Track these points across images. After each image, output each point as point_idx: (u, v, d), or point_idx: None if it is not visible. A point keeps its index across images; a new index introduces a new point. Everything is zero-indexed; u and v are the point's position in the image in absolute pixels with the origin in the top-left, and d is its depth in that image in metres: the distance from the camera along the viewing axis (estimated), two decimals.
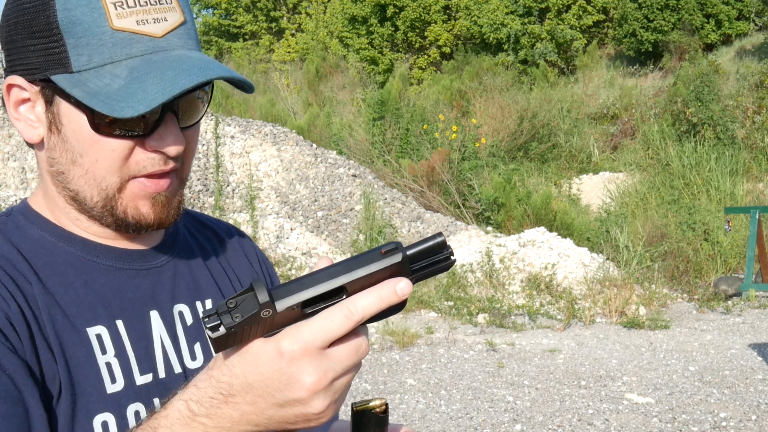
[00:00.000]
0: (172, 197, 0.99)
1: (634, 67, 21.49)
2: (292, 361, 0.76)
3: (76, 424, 0.91)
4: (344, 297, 0.79)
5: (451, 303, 8.48)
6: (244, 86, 0.98)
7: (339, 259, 9.53)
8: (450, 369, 6.55)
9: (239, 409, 0.79)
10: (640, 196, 13.17)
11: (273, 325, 0.78)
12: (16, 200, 8.98)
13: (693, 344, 7.37)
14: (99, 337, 0.95)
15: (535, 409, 5.61)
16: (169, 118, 0.94)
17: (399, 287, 0.78)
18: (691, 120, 14.76)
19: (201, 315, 0.79)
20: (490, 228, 11.15)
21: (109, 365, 0.94)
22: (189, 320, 1.05)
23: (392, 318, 7.94)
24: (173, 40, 0.94)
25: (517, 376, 6.38)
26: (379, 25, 24.62)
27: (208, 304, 1.08)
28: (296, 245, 9.36)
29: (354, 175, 11.31)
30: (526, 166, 14.98)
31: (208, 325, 0.76)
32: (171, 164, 0.97)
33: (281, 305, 0.77)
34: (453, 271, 8.95)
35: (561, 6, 23.28)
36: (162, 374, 0.99)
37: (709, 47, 21.77)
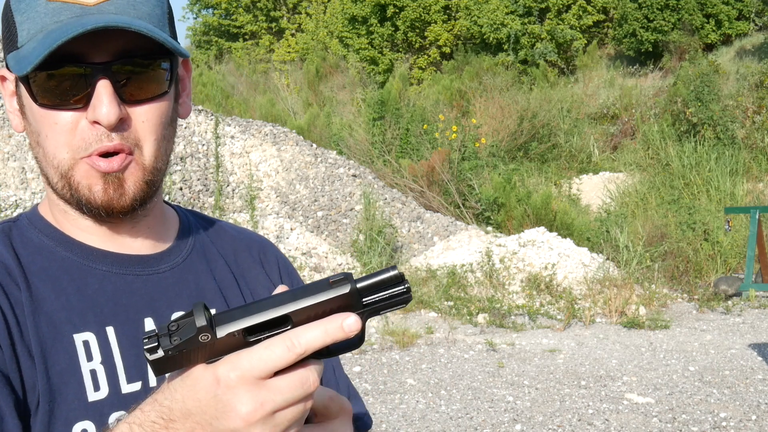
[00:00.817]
0: (129, 180, 0.94)
1: (634, 67, 21.49)
2: (228, 389, 0.74)
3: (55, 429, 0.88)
4: (290, 327, 0.76)
5: (451, 303, 8.48)
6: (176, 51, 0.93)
7: (339, 259, 9.54)
8: (450, 369, 6.55)
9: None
10: (640, 196, 13.17)
11: (215, 351, 0.76)
12: (16, 200, 8.98)
13: (693, 344, 7.38)
14: (86, 343, 0.92)
15: (535, 409, 5.61)
16: (102, 86, 0.90)
17: (346, 323, 0.75)
18: (691, 120, 14.77)
19: (141, 336, 0.78)
20: (490, 228, 11.15)
21: (93, 372, 0.91)
22: None
23: (392, 318, 7.94)
24: (106, 7, 0.91)
25: (517, 376, 6.38)
26: (379, 25, 24.62)
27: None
28: (296, 245, 9.36)
29: (354, 175, 11.31)
30: (526, 166, 14.98)
31: (146, 347, 0.75)
32: (116, 141, 0.92)
33: (222, 331, 0.75)
34: (453, 271, 8.95)
35: (561, 6, 23.28)
36: (153, 382, 0.95)
37: (709, 47, 21.77)
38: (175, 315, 1.01)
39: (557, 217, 11.20)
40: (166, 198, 9.78)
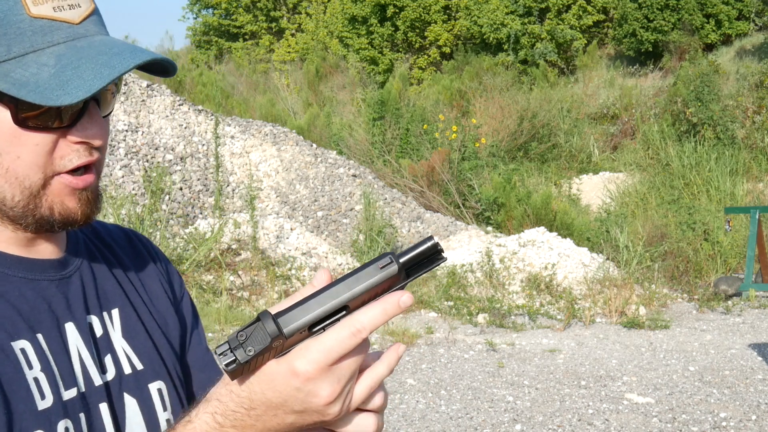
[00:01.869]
0: (96, 192, 0.96)
1: (634, 67, 21.49)
2: (307, 380, 0.82)
3: None
4: (344, 313, 0.83)
5: (451, 303, 8.48)
6: (168, 69, 0.95)
7: (339, 259, 9.54)
8: (450, 369, 6.55)
9: (261, 420, 0.85)
10: (640, 196, 13.17)
11: (283, 350, 0.83)
12: None
13: (693, 344, 7.38)
14: (24, 351, 0.91)
15: (535, 409, 5.61)
16: (93, 107, 0.92)
17: (402, 301, 0.83)
18: (691, 120, 14.76)
19: (214, 349, 0.83)
20: (490, 228, 11.15)
21: (37, 380, 0.90)
22: (99, 332, 1.00)
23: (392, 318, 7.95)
24: (90, 27, 0.91)
25: (517, 376, 6.38)
26: (379, 25, 24.62)
27: (115, 314, 1.03)
28: (296, 245, 9.37)
29: (354, 175, 11.31)
30: (526, 166, 14.98)
31: (224, 361, 0.81)
32: (96, 155, 0.94)
33: (289, 332, 0.82)
34: (453, 271, 8.95)
35: (561, 6, 23.28)
36: (83, 388, 0.95)
37: (709, 47, 21.77)
38: (89, 318, 1.00)
39: (557, 217, 11.20)
40: (166, 198, 9.78)
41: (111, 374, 0.99)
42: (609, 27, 24.09)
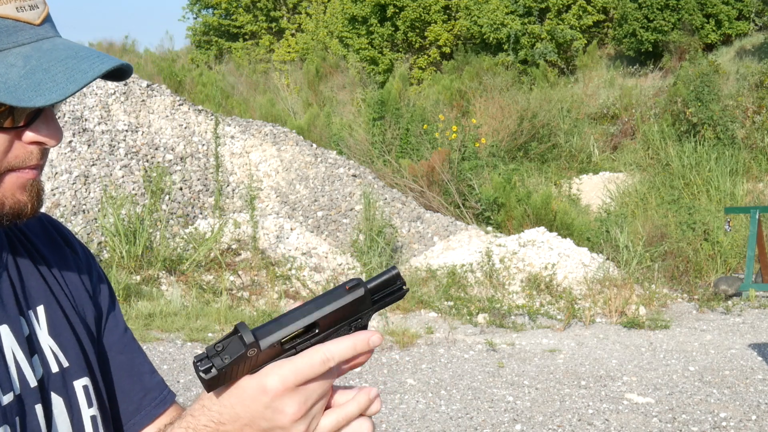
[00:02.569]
0: (41, 186, 0.98)
1: (634, 67, 21.48)
2: (275, 397, 0.87)
3: None
4: (317, 331, 0.90)
5: (451, 303, 8.48)
6: (125, 73, 0.96)
7: (339, 259, 9.54)
8: (450, 369, 6.55)
9: None
10: (640, 196, 13.17)
11: (258, 363, 0.88)
12: None
13: (693, 344, 7.38)
14: None
15: (535, 409, 5.61)
16: (48, 110, 0.93)
17: (372, 339, 0.90)
18: (691, 120, 14.76)
19: (193, 360, 0.88)
20: (490, 228, 11.15)
21: None
22: (26, 331, 0.99)
23: (392, 318, 7.95)
24: (49, 29, 0.93)
25: (517, 376, 6.38)
26: (379, 25, 24.61)
27: (41, 311, 1.02)
28: (296, 245, 9.36)
29: (354, 175, 11.31)
30: (526, 166, 14.98)
31: (201, 368, 0.86)
32: (45, 158, 0.96)
33: (264, 344, 0.88)
34: (453, 271, 8.96)
35: (561, 6, 23.27)
36: (18, 391, 0.95)
37: (709, 47, 21.76)
38: (26, 321, 1.00)
39: (557, 217, 11.20)
40: (166, 198, 9.78)
41: (39, 374, 0.98)
42: (609, 27, 24.08)
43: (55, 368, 1.00)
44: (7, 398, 0.93)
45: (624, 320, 8.13)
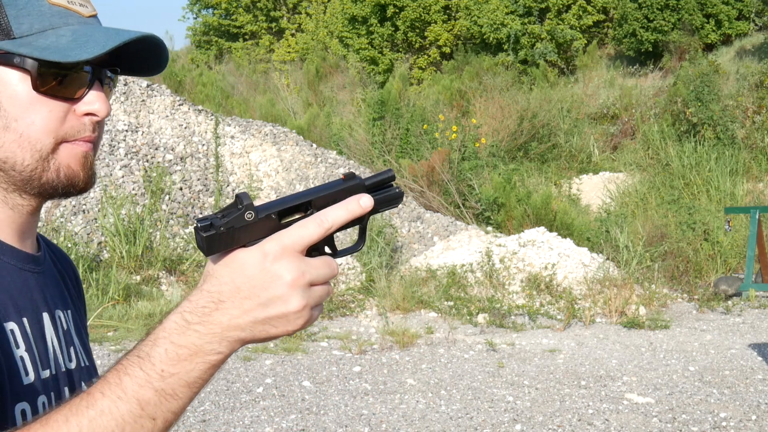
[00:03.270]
0: (94, 161, 1.08)
1: (634, 67, 21.48)
2: (275, 260, 0.88)
3: (6, 410, 0.97)
4: (312, 212, 0.93)
5: (451, 303, 8.48)
6: (161, 62, 1.09)
7: (338, 258, 9.53)
8: (450, 369, 6.55)
9: (228, 314, 0.89)
10: (640, 196, 13.17)
11: (255, 233, 0.90)
12: None
13: (693, 344, 7.37)
14: (12, 332, 1.01)
15: (535, 409, 5.61)
16: (97, 86, 1.04)
17: (362, 201, 0.93)
18: (691, 120, 14.76)
19: (195, 222, 0.92)
20: (490, 228, 11.14)
21: (22, 359, 1.01)
22: (64, 326, 1.13)
23: (392, 318, 7.94)
24: (95, 22, 1.06)
25: (517, 376, 6.38)
26: (379, 25, 24.60)
27: (69, 314, 1.16)
28: None
29: None
30: (526, 166, 14.97)
31: (201, 227, 0.89)
32: (96, 132, 1.06)
33: (262, 213, 0.91)
34: (453, 271, 8.95)
35: (561, 6, 23.26)
36: (53, 371, 1.06)
37: (709, 47, 21.76)
38: (57, 311, 1.12)
39: (557, 217, 11.19)
40: (166, 198, 9.78)
41: (74, 364, 1.12)
42: (609, 27, 24.08)
43: (83, 363, 1.14)
44: (45, 374, 1.04)
45: (624, 320, 8.12)
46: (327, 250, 0.96)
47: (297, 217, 0.93)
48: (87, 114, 1.04)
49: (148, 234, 8.82)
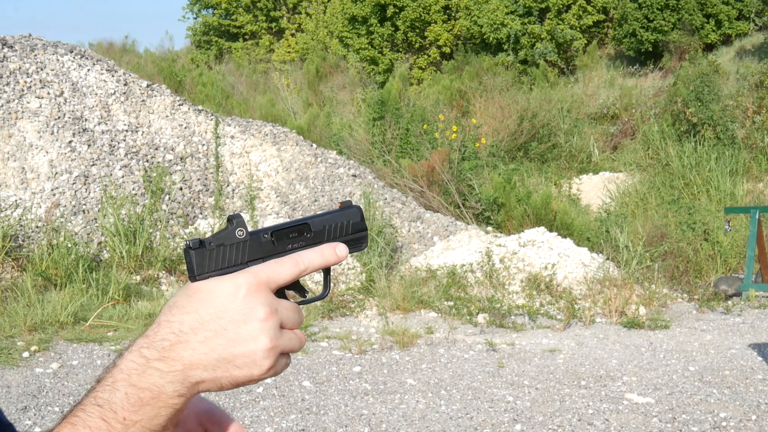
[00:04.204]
0: None
1: (634, 67, 21.48)
2: (248, 293, 0.82)
3: None
4: (310, 235, 0.90)
5: (451, 303, 8.48)
6: None
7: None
8: (450, 369, 6.55)
9: (190, 349, 0.81)
10: (640, 196, 13.17)
11: (246, 254, 0.86)
12: (16, 200, 8.98)
13: (693, 344, 7.37)
14: None
15: (535, 409, 5.61)
16: None
17: (338, 250, 0.90)
18: (691, 120, 14.76)
19: (185, 242, 0.87)
20: (490, 228, 11.14)
21: None
22: None
23: (392, 318, 7.94)
24: None
25: (517, 376, 6.38)
26: (379, 25, 24.60)
27: None
28: None
29: (354, 175, 11.31)
30: (526, 166, 14.97)
31: (190, 242, 0.85)
32: None
33: (253, 231, 0.87)
34: (453, 271, 8.95)
35: (561, 6, 23.27)
36: None
37: (709, 47, 21.76)
38: None
39: (557, 217, 11.19)
40: (166, 198, 9.78)
41: None
42: (609, 27, 24.08)
43: None
44: None
45: (624, 320, 8.12)
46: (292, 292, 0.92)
47: (293, 237, 0.89)
48: None
49: (148, 234, 8.82)
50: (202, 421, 0.96)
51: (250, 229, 0.88)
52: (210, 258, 0.84)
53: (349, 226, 0.93)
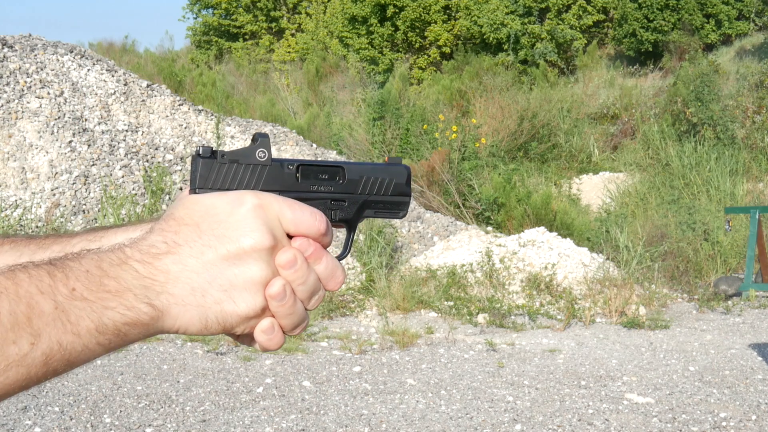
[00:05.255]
0: None
1: (634, 67, 21.49)
2: (254, 210, 0.70)
3: None
4: (341, 182, 0.77)
5: (451, 303, 8.48)
6: None
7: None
8: (450, 369, 6.55)
9: (181, 263, 0.69)
10: (640, 196, 13.17)
11: (262, 181, 0.74)
12: (16, 200, 8.98)
13: (693, 344, 7.37)
14: None
15: (535, 409, 5.61)
16: None
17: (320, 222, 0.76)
18: (691, 120, 14.76)
19: (197, 148, 0.75)
20: (490, 228, 11.14)
21: None
22: None
23: (392, 318, 7.94)
24: None
25: (517, 376, 6.38)
26: (379, 25, 24.61)
27: None
28: None
29: None
30: (526, 166, 14.98)
31: (201, 149, 0.72)
32: None
33: (277, 158, 0.74)
34: (453, 271, 8.95)
35: (561, 6, 23.27)
36: None
37: (709, 47, 21.76)
38: None
39: (557, 217, 11.20)
40: (166, 198, 9.78)
41: None
42: (609, 27, 24.09)
43: None
44: None
45: (624, 320, 8.12)
46: None
47: (323, 179, 0.76)
48: None
49: None
50: None
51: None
52: (218, 173, 0.72)
53: (390, 185, 0.80)
